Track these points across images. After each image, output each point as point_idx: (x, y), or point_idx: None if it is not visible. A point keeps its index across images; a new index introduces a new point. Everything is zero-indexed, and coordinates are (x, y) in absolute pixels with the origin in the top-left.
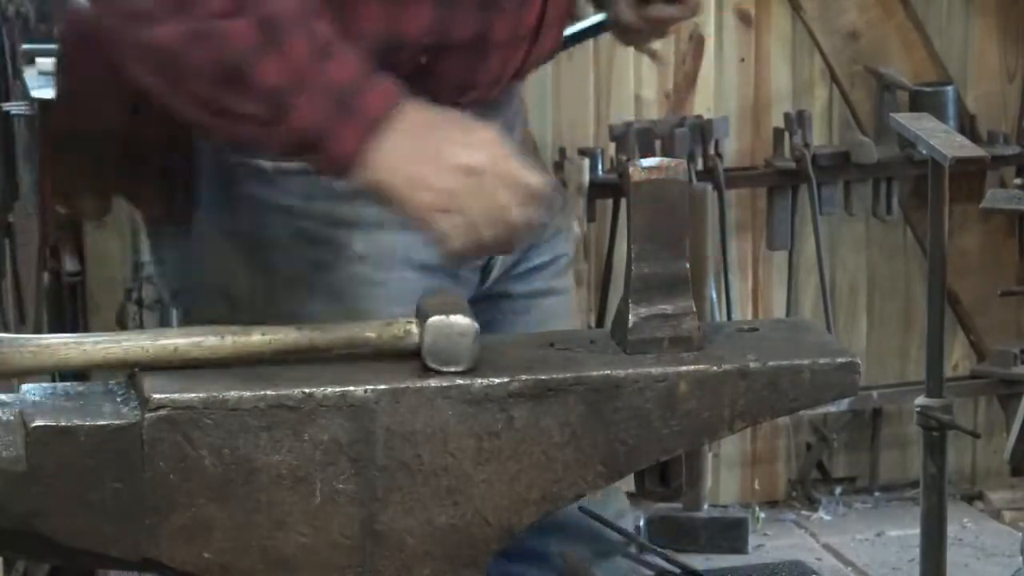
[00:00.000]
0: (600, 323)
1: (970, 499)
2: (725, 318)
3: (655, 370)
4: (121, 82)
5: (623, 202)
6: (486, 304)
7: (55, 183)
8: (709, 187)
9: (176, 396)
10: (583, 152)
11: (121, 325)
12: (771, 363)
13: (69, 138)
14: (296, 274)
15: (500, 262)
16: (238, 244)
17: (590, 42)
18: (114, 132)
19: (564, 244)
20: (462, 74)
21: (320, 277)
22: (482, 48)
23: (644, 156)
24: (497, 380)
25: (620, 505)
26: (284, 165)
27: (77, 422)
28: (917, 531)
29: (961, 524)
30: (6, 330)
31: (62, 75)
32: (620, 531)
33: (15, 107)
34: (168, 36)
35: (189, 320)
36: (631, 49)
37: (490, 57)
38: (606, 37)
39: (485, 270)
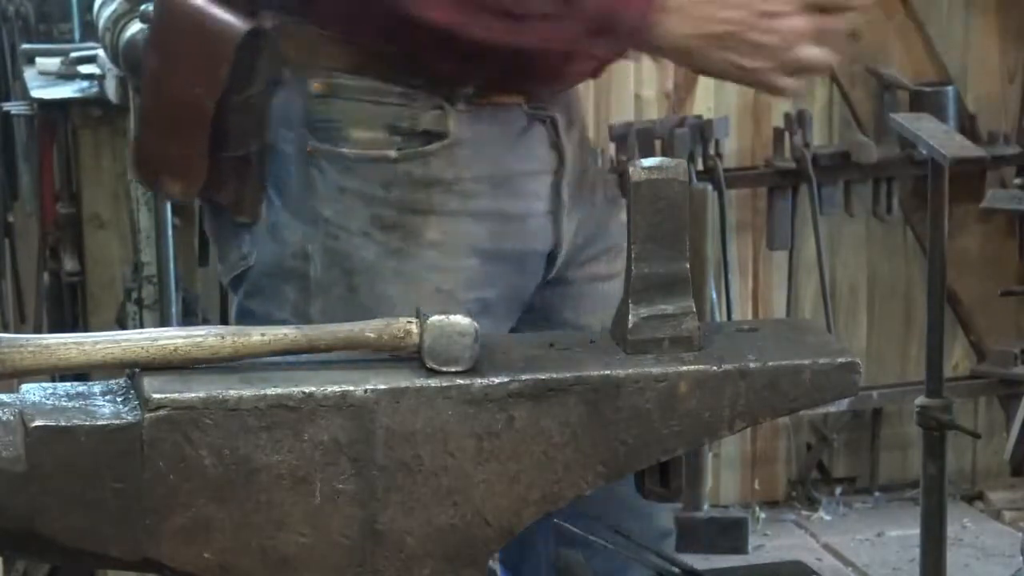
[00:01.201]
0: None
1: (970, 499)
2: (725, 318)
3: (655, 370)
4: (211, 64)
5: None
6: (547, 290)
7: (142, 161)
8: (709, 187)
9: (176, 396)
10: None
11: (121, 325)
12: (771, 363)
13: (157, 117)
14: (372, 260)
15: (565, 251)
16: (318, 230)
17: None
18: (202, 116)
19: (618, 232)
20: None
21: (394, 263)
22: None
23: (644, 156)
24: (497, 380)
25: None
26: (366, 153)
27: (77, 422)
28: (917, 531)
29: (961, 524)
30: (6, 330)
31: (152, 52)
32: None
33: (15, 107)
34: None
35: (256, 307)
36: None
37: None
38: None
39: (551, 259)
